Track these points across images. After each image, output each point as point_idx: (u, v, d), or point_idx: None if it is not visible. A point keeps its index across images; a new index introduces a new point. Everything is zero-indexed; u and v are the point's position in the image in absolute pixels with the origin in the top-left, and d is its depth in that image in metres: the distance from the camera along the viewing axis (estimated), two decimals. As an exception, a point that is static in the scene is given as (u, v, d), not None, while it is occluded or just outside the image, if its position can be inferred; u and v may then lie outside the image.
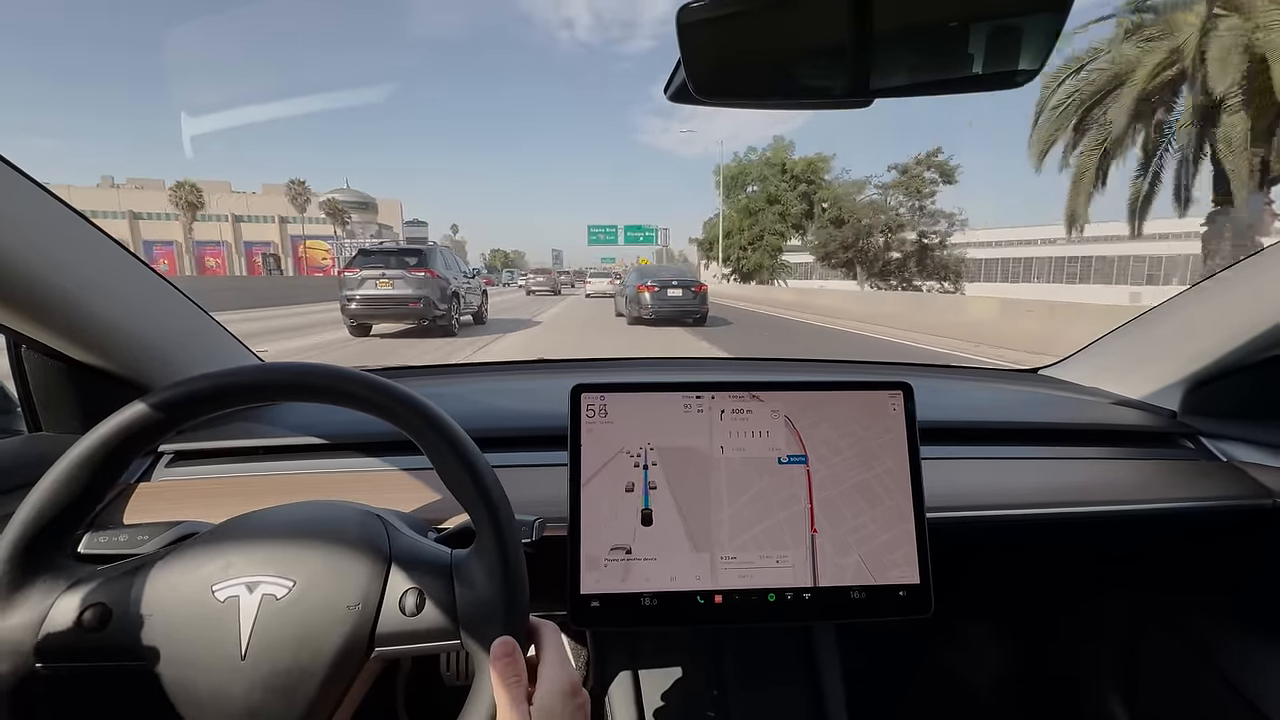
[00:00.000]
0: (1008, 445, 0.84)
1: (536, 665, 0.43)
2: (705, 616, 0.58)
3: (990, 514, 0.72)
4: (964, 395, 1.04)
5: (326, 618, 0.43)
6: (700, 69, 0.51)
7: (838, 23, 0.48)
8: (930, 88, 0.52)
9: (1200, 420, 0.87)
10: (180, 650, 0.42)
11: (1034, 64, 0.49)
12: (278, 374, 0.46)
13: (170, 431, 0.45)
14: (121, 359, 0.69)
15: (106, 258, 0.65)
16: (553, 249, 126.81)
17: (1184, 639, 0.87)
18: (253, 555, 0.44)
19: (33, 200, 0.56)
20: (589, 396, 0.60)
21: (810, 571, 0.59)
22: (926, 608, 0.59)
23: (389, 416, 0.45)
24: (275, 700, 0.42)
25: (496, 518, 0.44)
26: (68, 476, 0.42)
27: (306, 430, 0.76)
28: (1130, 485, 0.78)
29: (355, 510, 0.50)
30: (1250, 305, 0.76)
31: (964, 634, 1.10)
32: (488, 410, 0.89)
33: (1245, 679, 0.77)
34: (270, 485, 0.70)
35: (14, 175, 0.54)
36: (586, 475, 0.59)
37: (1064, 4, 0.46)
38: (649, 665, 0.81)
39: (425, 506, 0.65)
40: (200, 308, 0.81)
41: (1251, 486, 0.78)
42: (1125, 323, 0.98)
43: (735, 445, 0.61)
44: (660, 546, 0.58)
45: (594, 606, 0.57)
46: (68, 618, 0.42)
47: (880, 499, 0.61)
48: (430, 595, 0.44)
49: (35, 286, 0.57)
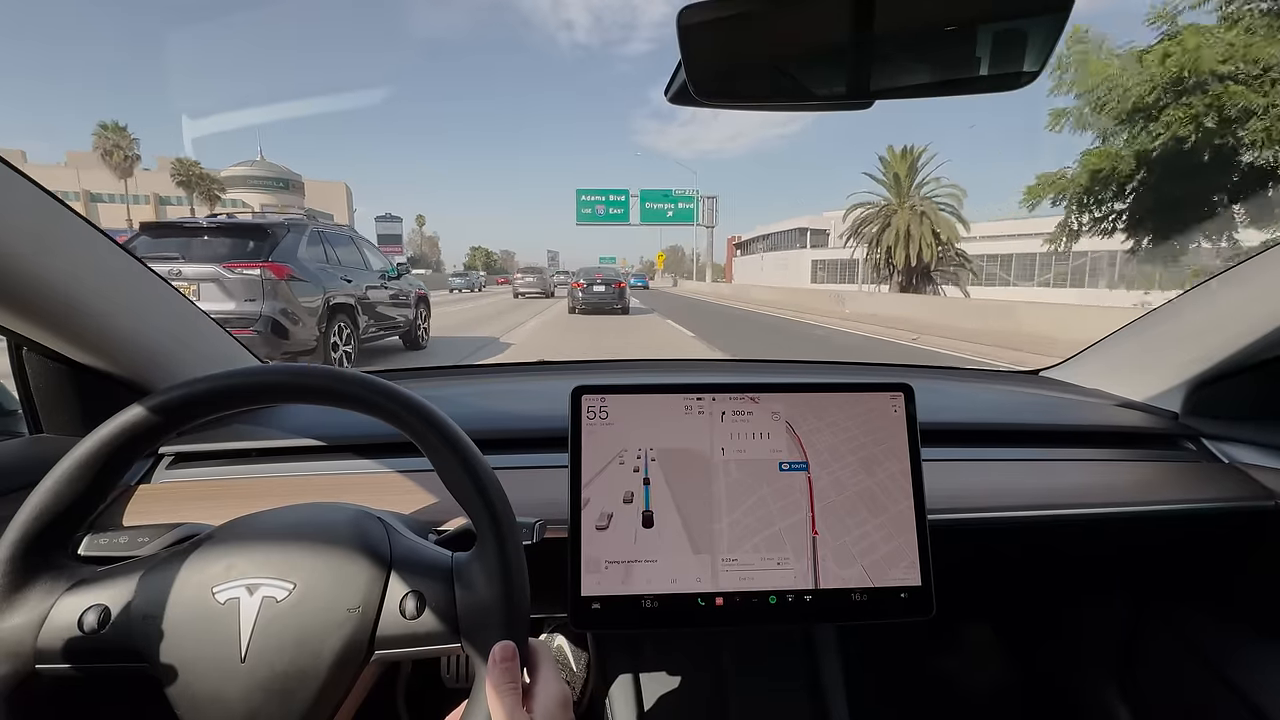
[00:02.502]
0: (1009, 447, 0.83)
1: (529, 684, 0.43)
2: (706, 619, 0.58)
3: (991, 515, 0.71)
4: (965, 397, 1.04)
5: (327, 620, 0.43)
6: (701, 70, 0.51)
7: (838, 24, 0.48)
8: (931, 89, 0.52)
9: (1202, 422, 0.87)
10: (180, 652, 0.42)
11: (1035, 65, 0.49)
12: (278, 376, 0.46)
13: (171, 433, 0.45)
14: (122, 361, 0.69)
15: (107, 260, 0.65)
16: (548, 250, 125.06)
17: (1185, 640, 0.86)
18: (253, 557, 0.44)
19: (33, 203, 0.56)
20: (589, 398, 0.60)
21: (811, 573, 0.59)
22: (928, 609, 0.59)
23: (389, 418, 0.45)
24: (275, 702, 0.42)
25: (497, 520, 0.44)
26: (69, 478, 0.42)
27: (307, 432, 0.76)
28: (1132, 487, 0.78)
29: (356, 512, 0.50)
30: (1251, 307, 0.76)
31: (965, 635, 1.10)
32: (488, 412, 0.89)
33: (1246, 680, 0.77)
34: (271, 487, 0.70)
35: (15, 177, 0.54)
36: (587, 477, 0.59)
37: (1065, 6, 0.46)
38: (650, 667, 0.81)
39: (426, 508, 0.65)
40: (201, 309, 0.81)
41: (1253, 488, 0.78)
42: (1126, 324, 0.98)
43: (736, 447, 0.61)
44: (661, 548, 0.58)
45: (595, 609, 0.57)
46: (68, 619, 0.41)
47: (884, 507, 0.60)
48: (430, 599, 0.44)
49: (37, 289, 0.57)
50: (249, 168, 45.34)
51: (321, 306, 5.29)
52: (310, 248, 5.50)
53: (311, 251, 5.50)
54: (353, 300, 5.86)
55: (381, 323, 6.63)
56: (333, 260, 5.80)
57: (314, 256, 5.51)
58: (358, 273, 6.16)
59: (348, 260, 6.11)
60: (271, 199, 35.30)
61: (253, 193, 44.34)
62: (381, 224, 61.27)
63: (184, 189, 43.78)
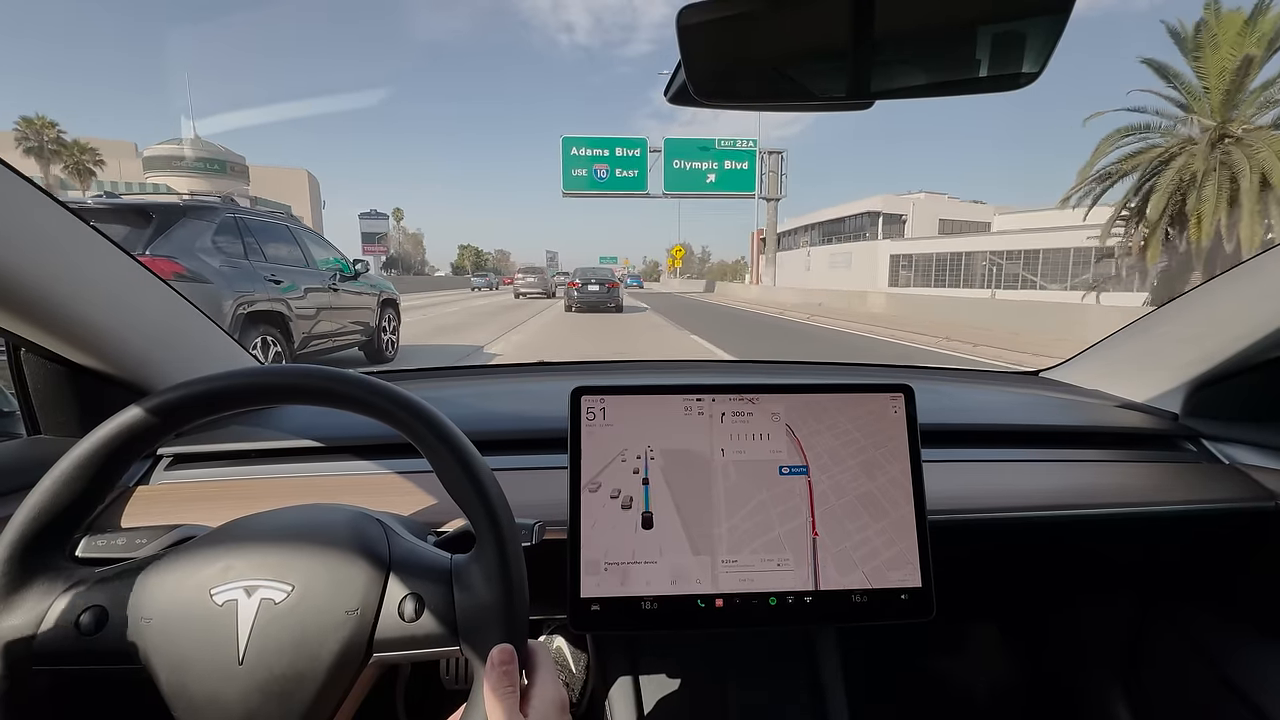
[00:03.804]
0: (1009, 448, 0.83)
1: (527, 686, 0.43)
2: (706, 620, 0.58)
3: (991, 516, 0.71)
4: (965, 398, 1.03)
5: (325, 623, 0.43)
6: (700, 70, 0.51)
7: (838, 25, 0.48)
8: (931, 89, 0.52)
9: (1202, 422, 0.87)
10: (178, 654, 0.42)
11: (1035, 66, 0.49)
12: (276, 377, 0.46)
13: (169, 434, 0.45)
14: (120, 362, 0.69)
15: (105, 260, 0.65)
16: (546, 250, 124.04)
17: (1185, 641, 0.86)
18: (251, 559, 0.44)
19: (31, 203, 0.56)
20: (589, 399, 0.60)
21: (811, 575, 0.59)
22: (928, 611, 0.59)
23: (388, 420, 0.45)
24: (272, 705, 0.41)
25: (496, 522, 0.44)
26: (66, 479, 0.42)
27: (305, 433, 0.76)
28: (1132, 487, 0.78)
29: (355, 513, 0.50)
30: (1252, 307, 0.76)
31: (965, 636, 1.10)
32: (487, 413, 0.88)
33: (1246, 680, 0.77)
34: (269, 488, 0.70)
35: (12, 178, 0.54)
36: (586, 478, 0.59)
37: (1064, 7, 0.46)
38: (649, 669, 0.80)
39: (425, 509, 0.65)
40: (200, 310, 0.81)
41: (1253, 489, 0.78)
42: (1127, 325, 0.98)
43: (735, 448, 0.61)
44: (661, 550, 0.58)
45: (594, 610, 0.56)
46: (65, 620, 0.41)
47: (884, 510, 0.60)
48: (429, 601, 0.44)
49: (34, 290, 0.57)
50: (175, 146, 35.73)
51: (229, 314, 4.25)
52: (219, 239, 4.43)
53: (221, 244, 4.44)
54: (283, 306, 4.81)
55: (330, 333, 5.59)
56: (255, 255, 4.76)
57: (225, 250, 4.46)
58: (295, 272, 5.12)
59: (280, 256, 5.06)
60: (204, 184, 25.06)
61: (180, 175, 34.38)
62: (365, 221, 56.58)
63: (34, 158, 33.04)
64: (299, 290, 5.10)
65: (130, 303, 0.69)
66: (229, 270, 4.41)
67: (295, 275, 5.13)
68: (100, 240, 0.64)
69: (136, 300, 0.70)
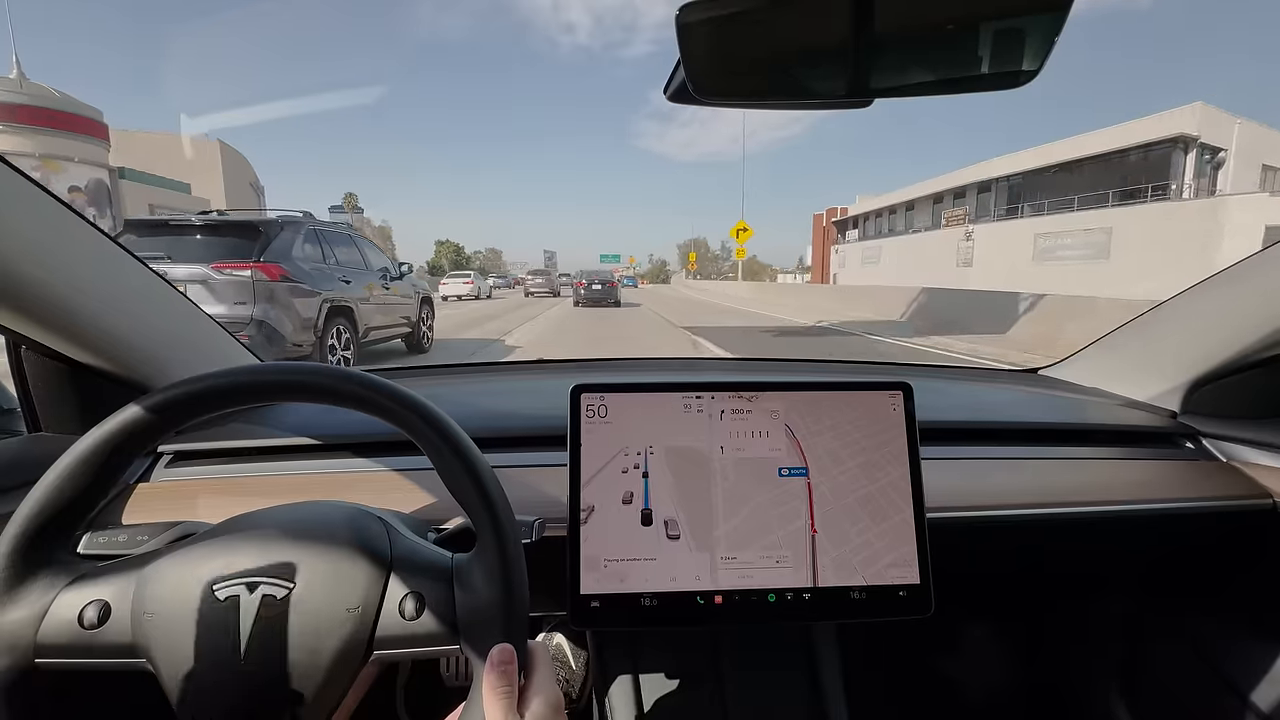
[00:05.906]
0: (1007, 445, 0.83)
1: (524, 686, 0.43)
2: (705, 617, 0.58)
3: (989, 514, 0.71)
4: (964, 395, 1.04)
5: (326, 620, 0.43)
6: (700, 69, 0.51)
7: (838, 23, 0.48)
8: (931, 87, 0.52)
9: (1200, 420, 0.87)
10: (179, 649, 0.42)
11: (1034, 64, 0.49)
12: (277, 374, 0.46)
13: (169, 432, 0.45)
14: (121, 359, 0.69)
15: (105, 258, 0.65)
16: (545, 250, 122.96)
17: (1183, 639, 0.86)
18: (253, 555, 0.44)
19: (31, 201, 0.56)
20: (589, 396, 0.60)
21: (810, 572, 0.59)
22: (927, 608, 0.59)
23: (389, 417, 0.45)
24: (273, 700, 0.42)
25: (496, 519, 0.44)
26: (69, 474, 0.43)
27: (306, 430, 0.76)
28: (1130, 485, 0.78)
29: (356, 511, 0.50)
30: (1250, 305, 0.76)
31: (963, 634, 1.10)
32: (487, 410, 0.89)
33: (1245, 679, 0.77)
34: (270, 485, 0.70)
35: (13, 176, 0.54)
36: (586, 475, 0.59)
37: (1064, 4, 0.46)
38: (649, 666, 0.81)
39: (425, 507, 0.65)
40: (199, 308, 0.81)
41: (1251, 487, 0.78)
42: (1125, 323, 0.98)
43: (735, 446, 0.61)
44: (660, 547, 0.58)
45: (594, 607, 0.57)
46: (68, 614, 0.42)
47: (883, 509, 0.60)
48: (430, 601, 0.44)
49: (35, 287, 0.57)
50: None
51: (318, 309, 5.16)
52: (306, 247, 5.34)
53: (307, 251, 5.34)
54: (351, 302, 5.69)
55: (383, 325, 6.48)
56: (330, 260, 5.65)
57: (310, 256, 5.34)
58: (357, 273, 6.03)
59: (346, 260, 5.97)
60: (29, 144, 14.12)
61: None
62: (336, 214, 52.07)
63: None
64: (361, 289, 6.03)
65: (130, 300, 0.69)
66: (315, 273, 5.28)
67: (358, 276, 6.05)
68: (101, 238, 0.64)
69: (137, 298, 0.70)
